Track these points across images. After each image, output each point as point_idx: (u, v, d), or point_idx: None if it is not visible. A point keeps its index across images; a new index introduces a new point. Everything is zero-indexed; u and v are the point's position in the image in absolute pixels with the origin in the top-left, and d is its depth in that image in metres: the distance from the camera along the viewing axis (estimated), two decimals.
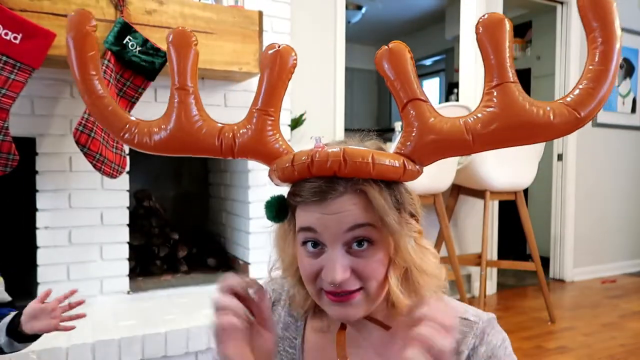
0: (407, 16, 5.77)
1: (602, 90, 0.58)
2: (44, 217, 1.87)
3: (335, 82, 2.87)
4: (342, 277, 0.60)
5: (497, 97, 0.60)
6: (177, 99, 0.70)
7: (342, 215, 0.61)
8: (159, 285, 2.16)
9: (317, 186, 0.61)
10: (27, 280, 1.95)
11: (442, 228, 2.76)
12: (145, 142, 0.72)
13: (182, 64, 0.70)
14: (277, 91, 0.68)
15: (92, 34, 0.74)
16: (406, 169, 0.63)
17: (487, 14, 0.61)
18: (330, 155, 0.60)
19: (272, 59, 0.68)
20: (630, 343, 2.54)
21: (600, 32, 0.58)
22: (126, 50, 1.76)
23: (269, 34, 2.25)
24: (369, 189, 0.60)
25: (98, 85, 0.74)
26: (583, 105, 0.59)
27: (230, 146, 0.68)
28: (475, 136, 0.61)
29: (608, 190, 4.08)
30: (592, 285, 3.75)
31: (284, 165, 0.64)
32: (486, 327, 0.67)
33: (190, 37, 0.71)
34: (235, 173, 2.43)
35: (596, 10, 0.58)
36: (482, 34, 0.60)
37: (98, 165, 1.71)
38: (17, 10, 1.61)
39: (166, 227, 2.47)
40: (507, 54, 0.60)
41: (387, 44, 0.63)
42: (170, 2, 1.86)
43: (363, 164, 0.60)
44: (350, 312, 0.63)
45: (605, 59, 0.58)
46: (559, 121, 0.59)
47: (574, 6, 3.73)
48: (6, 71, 1.59)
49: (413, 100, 0.63)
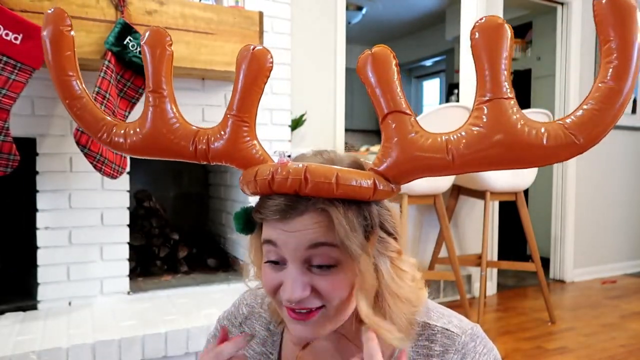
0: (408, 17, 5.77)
1: (611, 112, 0.50)
2: (44, 218, 1.87)
3: (336, 83, 2.87)
4: (299, 295, 0.58)
5: (487, 114, 0.54)
6: (151, 103, 0.68)
7: (302, 233, 0.58)
8: (159, 286, 2.16)
9: (277, 204, 0.59)
10: (27, 281, 1.95)
11: (442, 228, 2.76)
12: (120, 143, 0.71)
13: (156, 66, 0.68)
14: (252, 96, 0.65)
15: (67, 34, 0.72)
16: (377, 189, 0.58)
17: (484, 17, 0.53)
18: (291, 174, 0.57)
19: (247, 62, 0.64)
20: (631, 343, 2.54)
21: (618, 44, 0.49)
22: (127, 50, 1.76)
23: (269, 35, 2.25)
24: (332, 208, 0.57)
25: (76, 85, 0.73)
26: (584, 129, 0.51)
27: (204, 151, 0.66)
28: (457, 156, 0.55)
29: (608, 190, 4.08)
30: (593, 286, 3.75)
31: (248, 179, 0.62)
32: (468, 342, 0.65)
33: (165, 37, 0.68)
34: (236, 173, 2.43)
35: (616, 18, 0.48)
36: (477, 40, 0.53)
37: (98, 166, 1.71)
38: (17, 10, 1.61)
39: (166, 227, 2.47)
40: (504, 65, 0.53)
41: (371, 49, 0.58)
42: (171, 2, 1.86)
43: (325, 184, 0.56)
44: (309, 331, 0.61)
45: (619, 77, 0.49)
46: (553, 145, 0.51)
47: (575, 7, 3.73)
48: (6, 71, 1.59)
49: (394, 113, 0.58)
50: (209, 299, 2.05)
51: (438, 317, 0.69)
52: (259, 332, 0.77)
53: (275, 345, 0.75)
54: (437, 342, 0.66)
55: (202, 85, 2.15)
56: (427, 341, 0.66)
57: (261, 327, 0.77)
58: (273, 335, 0.76)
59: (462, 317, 0.70)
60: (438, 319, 0.68)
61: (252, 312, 0.79)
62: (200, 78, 2.13)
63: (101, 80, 1.71)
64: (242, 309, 0.80)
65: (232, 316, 0.81)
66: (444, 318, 0.69)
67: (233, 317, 0.80)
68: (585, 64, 3.83)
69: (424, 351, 0.66)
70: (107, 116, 0.73)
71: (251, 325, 0.78)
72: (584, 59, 3.82)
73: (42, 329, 1.65)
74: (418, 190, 2.52)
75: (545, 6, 3.86)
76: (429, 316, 0.68)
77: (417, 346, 0.66)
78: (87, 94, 0.74)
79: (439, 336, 0.66)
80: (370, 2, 5.09)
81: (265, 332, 0.76)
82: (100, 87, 1.71)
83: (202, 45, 1.90)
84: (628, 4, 0.48)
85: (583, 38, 3.79)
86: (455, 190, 3.11)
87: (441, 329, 0.67)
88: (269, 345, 0.75)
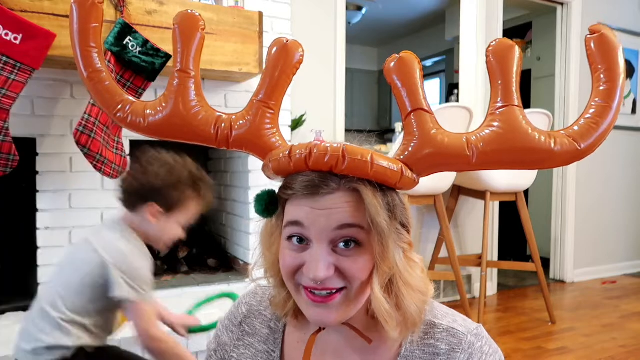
0: (408, 17, 5.77)
1: (604, 125, 0.59)
2: (45, 218, 1.87)
3: (336, 83, 2.87)
4: (325, 274, 0.59)
5: (501, 118, 0.60)
6: (177, 81, 0.68)
7: (332, 212, 0.59)
8: (159, 286, 2.16)
9: (310, 180, 0.59)
10: (27, 281, 1.95)
11: (442, 229, 2.76)
12: (138, 122, 0.69)
13: (186, 47, 0.68)
14: (280, 85, 0.67)
15: (98, 6, 0.71)
16: (403, 175, 0.61)
17: (497, 39, 0.62)
18: (330, 150, 0.58)
19: (278, 53, 0.67)
20: (631, 344, 2.54)
21: (605, 73, 0.59)
22: (126, 50, 1.76)
23: (269, 35, 2.25)
24: (363, 188, 0.59)
25: (96, 58, 0.71)
26: (584, 138, 0.59)
27: (226, 136, 0.66)
28: (477, 153, 0.60)
29: (608, 191, 4.08)
30: (593, 286, 3.75)
31: (279, 156, 0.62)
32: (475, 342, 0.65)
33: (199, 20, 0.68)
34: (236, 174, 2.43)
35: (605, 53, 0.59)
36: (491, 57, 0.61)
37: (98, 166, 1.71)
38: (17, 10, 1.61)
39: None
40: (515, 78, 0.60)
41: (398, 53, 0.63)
42: (171, 2, 1.86)
43: (362, 162, 0.58)
44: (328, 316, 0.61)
45: (609, 97, 0.59)
46: (560, 150, 0.59)
47: (574, 7, 3.73)
48: (6, 71, 1.59)
49: (417, 110, 0.62)
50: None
51: (442, 315, 0.69)
52: (260, 331, 0.77)
53: (277, 343, 0.75)
54: (443, 341, 0.66)
55: (203, 85, 2.14)
56: (433, 339, 0.66)
57: (262, 325, 0.77)
58: (274, 333, 0.75)
59: (465, 317, 0.71)
60: (443, 318, 0.69)
61: (251, 310, 0.79)
62: (201, 78, 2.13)
63: None
64: (241, 309, 0.80)
65: (232, 316, 0.81)
66: (448, 317, 0.69)
67: (233, 317, 0.80)
68: (585, 64, 3.80)
69: (430, 349, 0.66)
70: (125, 94, 0.71)
71: (251, 323, 0.78)
72: (584, 59, 3.80)
73: None
74: (418, 190, 2.51)
75: (545, 6, 3.86)
76: (433, 314, 0.69)
77: (423, 344, 0.67)
78: (107, 69, 0.72)
79: (444, 334, 0.66)
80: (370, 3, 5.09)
81: (267, 330, 0.76)
82: None
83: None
84: (614, 42, 0.60)
85: (583, 38, 3.77)
86: (455, 190, 3.11)
87: (447, 328, 0.67)
88: (270, 343, 0.75)
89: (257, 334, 0.76)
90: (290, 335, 0.75)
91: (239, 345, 0.77)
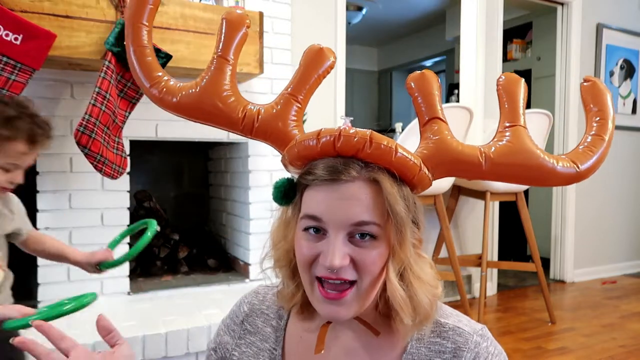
0: (408, 17, 5.77)
1: (599, 152, 0.67)
2: (45, 218, 1.87)
3: (336, 83, 2.87)
4: (340, 263, 0.60)
5: (510, 136, 0.66)
6: (214, 65, 0.71)
7: (350, 205, 0.60)
8: (160, 286, 2.16)
9: (333, 165, 0.61)
10: (27, 281, 1.95)
11: (442, 229, 2.76)
12: (169, 99, 0.72)
13: (230, 38, 0.72)
14: (311, 82, 0.71)
15: None
16: (421, 170, 0.64)
17: (506, 74, 0.70)
18: (358, 133, 0.61)
19: (313, 54, 0.72)
20: (631, 344, 2.54)
21: (598, 113, 0.69)
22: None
23: (269, 35, 2.25)
24: (382, 178, 0.61)
25: (145, 35, 0.75)
26: (582, 162, 0.66)
27: (252, 122, 0.69)
28: (489, 163, 0.65)
29: (608, 191, 4.08)
30: (593, 286, 3.75)
31: (307, 139, 0.64)
32: (480, 342, 0.67)
33: (245, 19, 0.73)
34: (236, 174, 2.43)
35: (595, 98, 0.69)
36: (501, 87, 0.69)
37: (99, 166, 1.71)
38: (17, 11, 1.61)
39: (166, 227, 2.47)
40: (521, 103, 0.68)
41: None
42: (171, 2, 1.86)
43: (387, 148, 0.61)
44: (340, 312, 0.63)
45: (602, 130, 0.68)
46: (561, 170, 0.65)
47: (575, 7, 3.73)
48: (7, 72, 1.59)
49: (435, 119, 0.68)
50: (209, 299, 2.05)
51: (448, 315, 0.70)
52: (262, 329, 0.77)
53: (279, 341, 0.75)
54: (448, 339, 0.67)
55: None
56: (439, 338, 0.67)
57: (263, 324, 0.77)
58: (276, 331, 0.76)
59: (469, 319, 0.72)
60: (448, 317, 0.70)
61: (253, 309, 0.79)
62: None
63: (101, 81, 1.72)
64: (243, 307, 0.81)
65: (234, 315, 0.81)
66: (453, 317, 0.70)
67: (235, 316, 0.81)
68: (585, 64, 3.83)
69: (435, 347, 0.67)
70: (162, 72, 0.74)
71: (253, 322, 0.78)
72: (584, 59, 3.82)
73: None
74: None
75: (545, 6, 3.86)
76: (439, 313, 0.69)
77: (429, 342, 0.67)
78: (152, 46, 0.76)
79: (450, 333, 0.67)
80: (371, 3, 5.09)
81: (268, 328, 0.77)
82: (100, 88, 1.71)
83: (202, 45, 1.90)
84: (604, 89, 0.70)
85: (583, 38, 3.79)
86: (455, 190, 3.11)
87: (453, 327, 0.68)
88: (272, 341, 0.76)
89: (259, 333, 0.77)
90: (291, 332, 0.75)
91: (241, 344, 0.78)
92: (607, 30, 3.91)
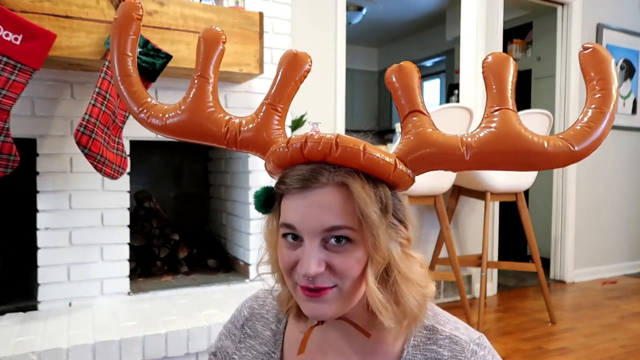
0: (408, 17, 5.78)
1: (599, 129, 0.61)
2: (45, 218, 1.87)
3: (336, 84, 2.87)
4: (315, 270, 0.60)
5: (496, 120, 0.62)
6: (195, 85, 0.74)
7: (321, 212, 0.60)
8: (160, 286, 2.16)
9: (301, 174, 0.61)
10: (27, 281, 1.95)
11: (442, 229, 2.76)
12: (157, 123, 0.75)
13: (208, 56, 0.74)
14: (288, 90, 0.72)
15: (137, 21, 0.81)
16: (397, 168, 0.62)
17: (492, 53, 0.65)
18: (324, 138, 0.61)
19: (289, 60, 0.72)
20: (631, 344, 2.54)
21: (599, 83, 0.62)
22: None
23: (269, 35, 2.25)
24: (352, 181, 0.60)
25: (130, 65, 0.80)
26: (578, 141, 0.61)
27: (235, 135, 0.71)
28: (471, 152, 0.62)
29: (609, 191, 4.08)
30: (593, 287, 3.75)
31: (278, 147, 0.64)
32: (478, 350, 0.66)
33: (220, 35, 0.76)
34: (236, 174, 2.43)
35: (596, 66, 0.63)
36: (487, 68, 0.64)
37: (99, 167, 1.71)
38: (17, 11, 1.61)
39: (167, 228, 2.47)
40: (509, 85, 0.63)
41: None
42: (171, 3, 1.86)
43: (354, 150, 0.60)
44: (322, 309, 0.62)
45: (604, 104, 0.61)
46: (553, 151, 0.60)
47: (575, 7, 3.73)
48: (7, 72, 1.59)
49: (415, 112, 0.65)
50: (209, 299, 2.05)
51: (445, 321, 0.69)
52: (261, 333, 0.78)
53: (278, 345, 0.76)
54: (445, 347, 0.66)
55: None
56: (435, 345, 0.67)
57: (263, 328, 0.78)
58: (275, 334, 0.77)
59: (468, 326, 0.71)
60: (445, 324, 0.69)
61: (253, 313, 0.80)
62: None
63: (101, 81, 1.72)
64: (243, 312, 0.82)
65: (235, 319, 0.82)
66: (450, 324, 0.69)
67: (235, 320, 0.82)
68: None
69: (432, 355, 0.66)
70: (149, 97, 0.79)
71: (253, 326, 0.79)
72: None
73: (43, 329, 1.65)
74: (418, 190, 2.52)
75: (545, 6, 3.86)
76: (436, 320, 0.69)
77: (425, 349, 0.67)
78: (137, 74, 0.81)
79: (447, 341, 0.66)
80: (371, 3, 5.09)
81: (268, 332, 0.77)
82: (100, 88, 1.71)
83: None
84: (607, 55, 0.63)
85: (583, 38, 3.79)
86: (455, 190, 3.11)
87: (449, 335, 0.67)
88: (271, 345, 0.76)
89: (259, 336, 0.78)
90: (289, 336, 0.76)
91: (241, 348, 0.78)
92: (607, 30, 3.91)
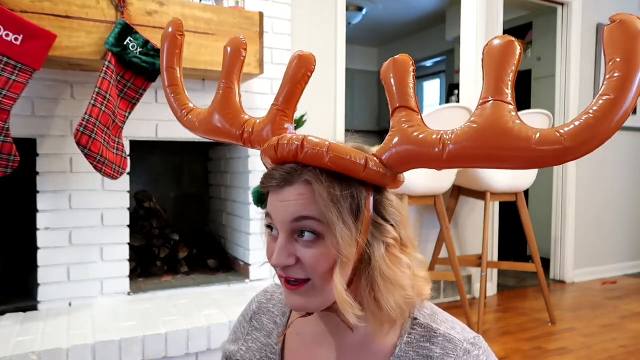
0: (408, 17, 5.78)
1: (605, 123, 0.51)
2: (45, 218, 1.87)
3: (336, 84, 2.87)
4: (282, 261, 0.63)
5: (484, 113, 0.57)
6: (221, 91, 0.82)
7: (288, 205, 0.63)
8: (160, 286, 2.16)
9: (276, 175, 0.65)
10: (27, 281, 1.96)
11: (442, 229, 2.76)
12: (193, 123, 0.86)
13: (232, 65, 0.82)
14: (294, 92, 0.75)
15: (179, 38, 0.92)
16: (367, 167, 0.63)
17: (495, 37, 0.58)
18: (292, 140, 0.64)
19: (295, 63, 0.75)
20: (631, 344, 2.54)
21: (623, 59, 0.50)
22: (127, 51, 1.76)
23: (269, 35, 2.25)
24: (315, 180, 0.62)
25: (175, 77, 0.91)
26: (575, 135, 0.52)
27: (249, 136, 0.77)
28: (446, 150, 0.58)
29: (609, 191, 4.08)
30: (593, 287, 3.75)
31: (264, 148, 0.70)
32: (471, 350, 0.65)
33: (243, 44, 0.83)
34: (236, 174, 2.43)
35: (624, 40, 0.51)
36: (487, 53, 0.58)
37: (99, 167, 1.71)
38: (17, 11, 1.61)
39: (167, 228, 2.47)
40: (509, 76, 0.56)
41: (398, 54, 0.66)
42: (171, 3, 1.86)
43: (317, 152, 0.62)
44: (299, 302, 0.65)
45: (621, 88, 0.50)
46: (539, 148, 0.53)
47: (575, 7, 3.73)
48: (7, 72, 1.59)
49: (402, 107, 0.64)
50: (209, 299, 2.05)
51: (442, 321, 0.70)
52: (266, 326, 0.82)
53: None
54: (438, 345, 0.66)
55: (203, 85, 2.15)
56: (429, 343, 0.67)
57: (268, 321, 0.82)
58: (278, 327, 0.80)
59: (465, 327, 0.71)
60: (441, 324, 0.69)
61: (261, 307, 0.85)
62: (201, 79, 2.13)
63: (101, 81, 1.72)
64: (252, 306, 0.86)
65: (245, 313, 0.87)
66: (447, 324, 0.70)
67: (245, 314, 0.87)
68: (585, 64, 3.83)
69: (424, 352, 0.67)
70: (190, 102, 0.90)
71: (259, 319, 0.83)
72: (584, 59, 3.82)
73: (43, 329, 1.65)
74: (418, 190, 2.52)
75: (545, 6, 3.86)
76: (433, 319, 0.70)
77: (418, 347, 0.67)
78: (182, 83, 0.92)
79: (440, 339, 0.67)
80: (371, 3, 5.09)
81: (272, 325, 0.81)
82: (100, 88, 1.71)
83: (202, 46, 1.90)
84: (635, 30, 0.50)
85: (583, 38, 3.79)
86: (455, 190, 3.11)
87: (444, 333, 0.67)
88: (273, 337, 0.80)
89: (264, 329, 0.82)
90: (292, 329, 0.78)
91: (248, 340, 0.83)
92: None
